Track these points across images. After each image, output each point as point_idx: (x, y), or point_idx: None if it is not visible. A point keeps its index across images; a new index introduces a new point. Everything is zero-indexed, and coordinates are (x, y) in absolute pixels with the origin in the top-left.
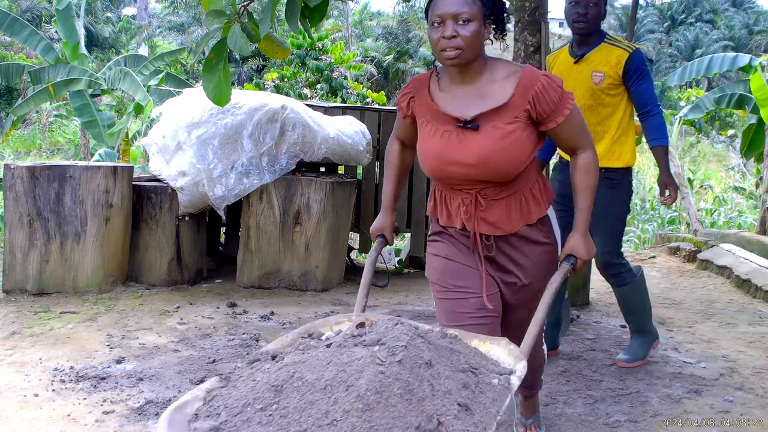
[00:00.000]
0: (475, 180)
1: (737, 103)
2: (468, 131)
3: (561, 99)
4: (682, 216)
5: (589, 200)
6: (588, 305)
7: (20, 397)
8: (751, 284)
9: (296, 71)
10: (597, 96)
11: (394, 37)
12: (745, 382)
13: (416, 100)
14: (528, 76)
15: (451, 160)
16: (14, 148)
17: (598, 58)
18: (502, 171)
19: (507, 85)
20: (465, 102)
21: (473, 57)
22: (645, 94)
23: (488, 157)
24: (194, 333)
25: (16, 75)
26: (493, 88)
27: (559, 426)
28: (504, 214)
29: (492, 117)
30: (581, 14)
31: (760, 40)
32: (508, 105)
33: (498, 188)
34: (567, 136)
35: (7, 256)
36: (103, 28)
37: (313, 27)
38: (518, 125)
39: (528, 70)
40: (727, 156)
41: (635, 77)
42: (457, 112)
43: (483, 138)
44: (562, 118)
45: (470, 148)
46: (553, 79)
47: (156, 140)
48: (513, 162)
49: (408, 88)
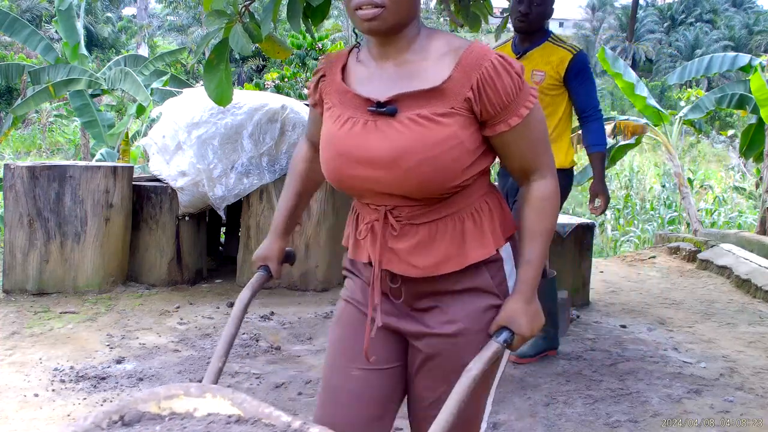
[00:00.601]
0: (385, 191)
1: (737, 103)
2: (382, 119)
3: (519, 92)
4: (682, 216)
5: (540, 251)
6: (588, 305)
7: (20, 397)
8: (751, 284)
9: (296, 71)
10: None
11: None
12: (745, 382)
13: (327, 79)
14: (473, 54)
15: (354, 158)
16: (14, 148)
17: (540, 56)
18: (424, 180)
19: (444, 64)
20: (385, 81)
21: (400, 21)
22: (586, 97)
23: (403, 154)
24: (194, 333)
25: (16, 75)
26: (425, 66)
27: (559, 426)
28: (424, 247)
29: (418, 102)
30: (523, 13)
31: (760, 40)
32: (442, 90)
33: (420, 207)
34: (521, 150)
35: (7, 256)
36: (103, 28)
37: (315, 26)
38: (454, 120)
39: (476, 45)
40: (727, 156)
41: (577, 79)
42: (371, 92)
43: (400, 128)
44: (518, 119)
45: (380, 141)
46: (509, 62)
47: (156, 140)
48: (441, 170)
49: (320, 64)
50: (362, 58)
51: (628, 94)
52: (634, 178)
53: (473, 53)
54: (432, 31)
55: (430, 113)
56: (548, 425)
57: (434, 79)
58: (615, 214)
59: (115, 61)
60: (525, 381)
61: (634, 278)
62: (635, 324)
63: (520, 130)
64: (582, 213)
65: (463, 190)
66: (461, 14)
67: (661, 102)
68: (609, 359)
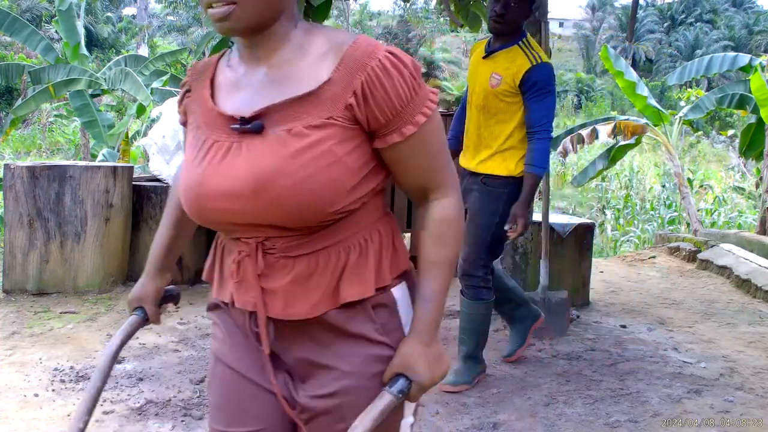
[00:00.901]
0: (252, 223)
1: (737, 103)
2: (249, 138)
3: (414, 95)
4: (682, 216)
5: (440, 285)
6: (588, 305)
7: (20, 397)
8: (751, 284)
9: None
10: (490, 99)
11: (394, 37)
12: (745, 382)
13: (192, 94)
14: (358, 51)
15: (211, 191)
16: (14, 148)
17: (503, 60)
18: (296, 208)
19: (324, 65)
20: (254, 91)
21: (260, 18)
22: (538, 113)
23: (268, 181)
24: (194, 333)
25: (16, 75)
26: (300, 69)
27: (559, 426)
28: (301, 285)
29: (289, 113)
30: (498, 14)
31: (760, 40)
32: (318, 96)
33: (296, 237)
34: (419, 164)
35: (7, 256)
36: (103, 28)
37: None
38: (332, 133)
39: (362, 40)
40: (727, 156)
41: (532, 92)
42: (237, 106)
43: (265, 148)
44: (413, 128)
45: (241, 167)
46: (401, 59)
47: (156, 140)
48: (317, 194)
49: (186, 76)
50: (232, 62)
51: (629, 93)
52: (634, 178)
53: (358, 50)
54: (312, 26)
55: (303, 127)
56: (548, 425)
57: (309, 83)
58: (615, 214)
59: (116, 61)
60: (525, 381)
61: (634, 278)
62: (635, 324)
63: (417, 140)
64: (582, 213)
65: (350, 215)
66: (461, 14)
67: (661, 102)
68: (609, 359)
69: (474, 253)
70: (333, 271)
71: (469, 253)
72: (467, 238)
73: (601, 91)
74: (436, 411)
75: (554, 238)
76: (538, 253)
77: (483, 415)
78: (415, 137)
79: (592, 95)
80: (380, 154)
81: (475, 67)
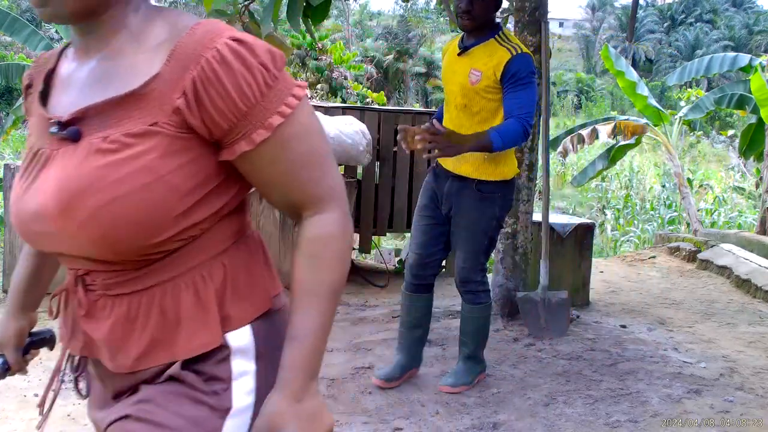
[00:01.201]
0: (66, 252)
1: (737, 103)
2: (66, 147)
3: (266, 91)
4: (682, 216)
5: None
6: (588, 305)
7: (20, 397)
8: (751, 284)
9: (296, 71)
10: (471, 97)
11: (394, 36)
12: (745, 382)
13: (33, 91)
14: (194, 39)
15: (24, 209)
16: (14, 148)
17: (481, 54)
18: (107, 237)
19: (158, 57)
20: (79, 88)
21: (85, 3)
22: (513, 103)
23: (75, 201)
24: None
25: (16, 75)
26: (135, 62)
27: (559, 426)
28: (122, 331)
29: (109, 117)
30: (464, 10)
31: (760, 40)
32: (142, 97)
33: (116, 273)
34: (279, 176)
35: (7, 256)
36: None
37: (315, 26)
38: (154, 142)
39: (201, 26)
40: (727, 156)
41: (511, 82)
42: (59, 106)
43: (77, 161)
44: (266, 133)
45: (49, 183)
46: (248, 45)
47: None
48: (131, 220)
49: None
50: (69, 53)
51: (629, 93)
52: (634, 178)
53: (194, 38)
54: (158, 11)
55: (122, 134)
56: (548, 425)
57: (135, 80)
58: (615, 214)
59: None
60: (525, 381)
61: (634, 278)
62: (635, 324)
63: (274, 147)
64: (582, 213)
65: (184, 247)
66: None
67: (661, 102)
68: (609, 359)
69: (472, 260)
70: (161, 317)
71: (466, 259)
72: (465, 245)
73: (601, 91)
74: (436, 411)
75: (554, 238)
76: (538, 253)
77: (483, 415)
78: (269, 144)
79: (592, 95)
80: (235, 167)
81: (450, 65)
